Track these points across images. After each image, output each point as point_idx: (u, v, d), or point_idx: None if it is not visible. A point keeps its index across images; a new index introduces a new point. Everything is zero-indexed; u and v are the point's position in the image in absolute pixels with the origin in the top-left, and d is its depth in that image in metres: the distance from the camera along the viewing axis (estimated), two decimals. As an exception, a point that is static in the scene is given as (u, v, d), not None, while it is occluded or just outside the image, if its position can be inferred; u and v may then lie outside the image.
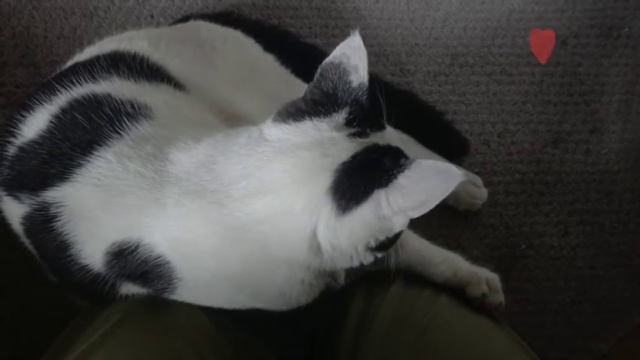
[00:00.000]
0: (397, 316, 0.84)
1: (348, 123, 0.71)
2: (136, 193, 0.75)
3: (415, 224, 1.26)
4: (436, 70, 1.39)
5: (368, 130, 0.71)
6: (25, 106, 0.84)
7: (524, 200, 1.32)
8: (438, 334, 0.81)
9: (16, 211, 0.82)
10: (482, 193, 1.27)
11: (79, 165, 0.77)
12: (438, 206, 1.24)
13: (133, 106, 0.81)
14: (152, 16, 1.37)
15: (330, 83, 0.73)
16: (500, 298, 0.93)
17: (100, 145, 0.77)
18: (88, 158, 0.77)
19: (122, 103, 0.81)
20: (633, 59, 1.44)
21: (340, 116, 0.71)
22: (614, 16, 1.47)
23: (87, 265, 0.80)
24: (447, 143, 1.29)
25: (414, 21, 1.43)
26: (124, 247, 0.76)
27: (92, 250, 0.79)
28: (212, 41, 1.07)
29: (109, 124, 0.78)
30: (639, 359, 1.25)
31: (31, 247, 0.87)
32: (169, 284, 0.78)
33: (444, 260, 0.96)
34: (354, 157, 0.68)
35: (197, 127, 0.84)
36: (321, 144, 0.69)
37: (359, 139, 0.70)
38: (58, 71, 0.96)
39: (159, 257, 0.75)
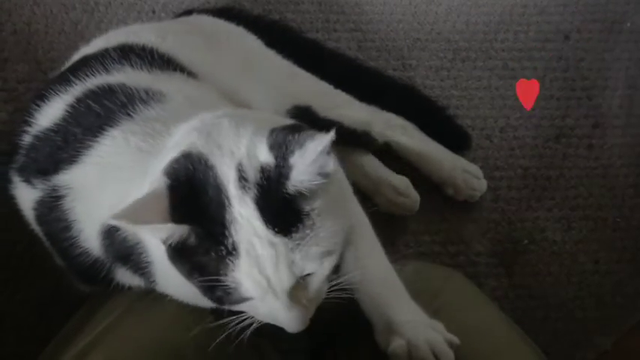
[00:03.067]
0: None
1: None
2: (131, 167, 0.77)
3: (416, 218, 1.26)
4: (438, 65, 1.39)
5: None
6: (40, 96, 0.88)
7: (527, 195, 1.32)
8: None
9: (29, 196, 0.85)
10: (482, 184, 1.26)
11: (89, 147, 0.80)
12: (439, 200, 1.26)
13: (147, 93, 0.83)
14: (153, 12, 1.37)
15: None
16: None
17: (110, 127, 0.80)
18: (97, 139, 0.79)
19: (136, 90, 0.83)
20: (636, 54, 1.43)
21: None
22: (617, 11, 1.47)
23: (87, 249, 0.82)
24: (449, 137, 1.29)
25: (416, 15, 1.43)
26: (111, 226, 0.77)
27: (90, 231, 0.81)
28: (216, 34, 1.07)
29: (122, 108, 0.81)
30: (642, 353, 1.25)
31: (40, 234, 0.89)
32: (146, 267, 0.79)
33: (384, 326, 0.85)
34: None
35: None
36: None
37: None
38: (67, 64, 0.97)
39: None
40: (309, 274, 0.69)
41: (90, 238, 0.81)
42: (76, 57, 0.99)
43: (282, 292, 0.67)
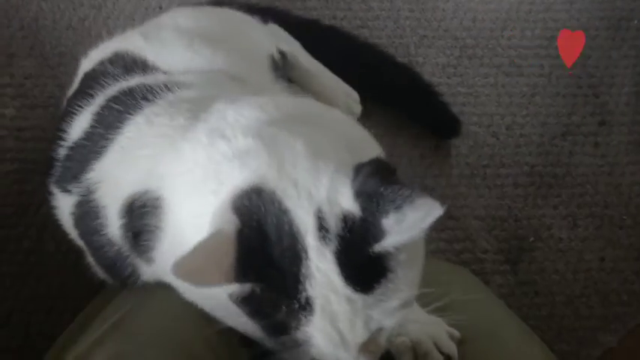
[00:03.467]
0: None
1: None
2: (155, 143, 0.76)
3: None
4: (445, 62, 1.39)
5: None
6: (69, 114, 0.89)
7: (533, 192, 1.32)
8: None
9: (67, 203, 0.86)
10: (359, 108, 1.29)
11: (112, 139, 0.80)
12: (445, 198, 1.26)
13: (166, 85, 0.83)
14: (160, 7, 1.37)
15: None
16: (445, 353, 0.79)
17: (131, 115, 0.80)
18: (120, 129, 0.80)
19: (157, 84, 0.83)
20: (643, 51, 1.44)
21: None
22: (624, 8, 1.47)
23: (111, 238, 0.82)
24: (440, 122, 1.31)
25: (423, 12, 1.43)
26: (133, 201, 0.76)
27: (112, 215, 0.80)
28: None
29: (143, 98, 0.81)
30: (648, 352, 1.25)
31: (76, 237, 0.90)
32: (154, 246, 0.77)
33: None
34: None
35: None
36: None
37: None
38: (84, 73, 0.97)
39: (156, 205, 0.74)
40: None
41: (112, 223, 0.80)
42: (88, 61, 1.00)
43: (355, 346, 0.61)
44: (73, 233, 0.91)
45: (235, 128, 0.69)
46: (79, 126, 0.87)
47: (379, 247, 0.57)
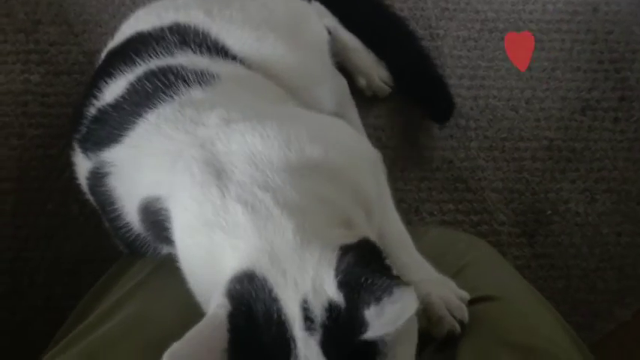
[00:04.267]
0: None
1: None
2: (159, 156, 0.78)
3: (441, 187, 1.28)
4: (465, 35, 1.39)
5: None
6: (109, 73, 0.89)
7: (551, 167, 1.32)
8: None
9: (84, 166, 0.89)
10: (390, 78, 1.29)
11: (130, 128, 0.82)
12: (464, 169, 1.27)
13: (196, 74, 0.83)
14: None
15: None
16: (443, 327, 0.76)
17: (149, 109, 0.81)
18: (138, 122, 0.81)
19: (187, 71, 0.84)
20: (665, 27, 1.42)
21: None
22: (647, -16, 1.45)
23: (129, 223, 0.85)
24: (434, 100, 1.30)
25: (445, -16, 1.43)
26: (147, 204, 0.80)
27: (130, 208, 0.84)
28: None
29: (167, 89, 0.82)
30: (662, 326, 1.26)
31: (93, 202, 0.93)
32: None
33: None
34: None
35: (262, 99, 0.87)
36: None
37: None
38: (129, 38, 0.95)
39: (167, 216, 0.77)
40: None
41: (131, 214, 0.84)
42: (122, 31, 0.99)
43: None
44: (89, 195, 0.93)
45: (231, 177, 0.70)
46: (113, 90, 0.87)
47: (363, 338, 0.58)
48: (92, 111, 0.88)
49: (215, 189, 0.70)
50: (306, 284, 0.61)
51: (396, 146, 1.29)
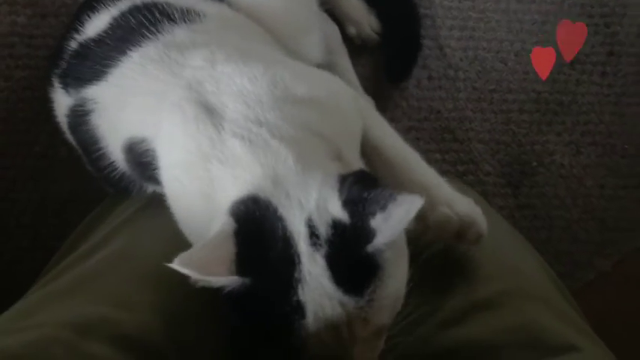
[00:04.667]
0: None
1: None
2: (144, 96, 0.78)
3: (429, 137, 1.28)
4: (457, -14, 1.38)
5: None
6: (92, 7, 0.88)
7: (538, 119, 1.33)
8: None
9: (64, 102, 0.88)
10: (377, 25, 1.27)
11: (114, 65, 0.81)
12: (451, 119, 1.27)
13: (181, 11, 0.83)
14: None
15: None
16: (475, 232, 0.78)
17: (133, 47, 0.80)
18: (122, 60, 0.80)
19: (173, 8, 0.83)
20: (657, -18, 1.42)
21: None
22: (640, -61, 1.44)
23: (114, 162, 0.85)
24: (398, 58, 1.29)
25: None
26: (131, 145, 0.80)
27: (114, 147, 0.83)
28: None
29: (152, 26, 0.81)
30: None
31: (73, 142, 0.92)
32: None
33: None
34: None
35: (247, 41, 0.86)
36: None
37: None
38: None
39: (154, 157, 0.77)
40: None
41: (116, 153, 0.84)
42: None
43: (350, 348, 0.63)
44: (68, 135, 0.92)
45: (222, 115, 0.71)
46: (96, 24, 0.86)
47: (371, 247, 0.61)
48: (73, 45, 0.87)
49: (210, 125, 0.71)
50: (310, 204, 0.64)
51: (383, 96, 1.29)
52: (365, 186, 0.64)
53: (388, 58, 1.29)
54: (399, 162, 0.82)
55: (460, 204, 0.78)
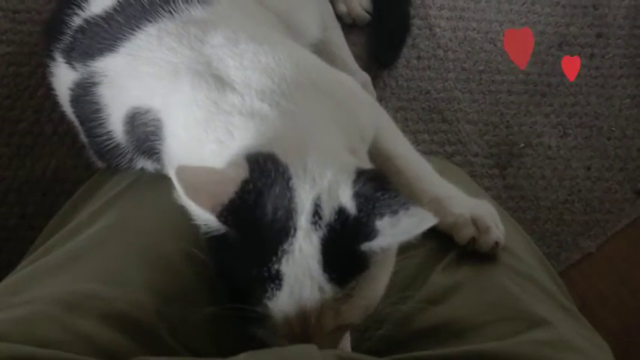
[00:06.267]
0: None
1: None
2: (159, 65, 0.77)
3: (417, 117, 1.28)
4: (447, -34, 1.38)
5: None
6: None
7: (526, 100, 1.34)
8: None
9: (68, 77, 0.87)
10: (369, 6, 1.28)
11: (127, 39, 0.80)
12: (440, 99, 1.27)
13: None
14: None
15: None
16: (491, 238, 0.77)
17: (149, 22, 0.80)
18: (135, 33, 0.80)
19: None
20: (646, -36, 1.42)
21: None
22: None
23: (111, 131, 0.84)
24: (387, 41, 1.30)
25: None
26: (134, 115, 0.79)
27: (116, 116, 0.83)
28: None
29: (166, 4, 0.81)
30: (624, 257, 1.30)
31: (71, 114, 0.91)
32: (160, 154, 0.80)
33: (430, 201, 0.82)
34: None
35: (257, 24, 0.86)
36: None
37: None
38: None
39: (157, 125, 0.77)
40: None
41: (116, 123, 0.83)
42: None
43: (312, 337, 0.63)
44: (67, 108, 0.92)
45: (248, 85, 0.72)
46: (102, 2, 0.85)
47: (368, 245, 0.61)
48: (77, 21, 0.86)
49: (234, 93, 0.72)
50: (323, 184, 0.64)
51: (372, 75, 1.28)
52: (380, 186, 0.64)
53: (377, 41, 1.29)
54: (411, 171, 0.83)
55: (476, 211, 0.78)
